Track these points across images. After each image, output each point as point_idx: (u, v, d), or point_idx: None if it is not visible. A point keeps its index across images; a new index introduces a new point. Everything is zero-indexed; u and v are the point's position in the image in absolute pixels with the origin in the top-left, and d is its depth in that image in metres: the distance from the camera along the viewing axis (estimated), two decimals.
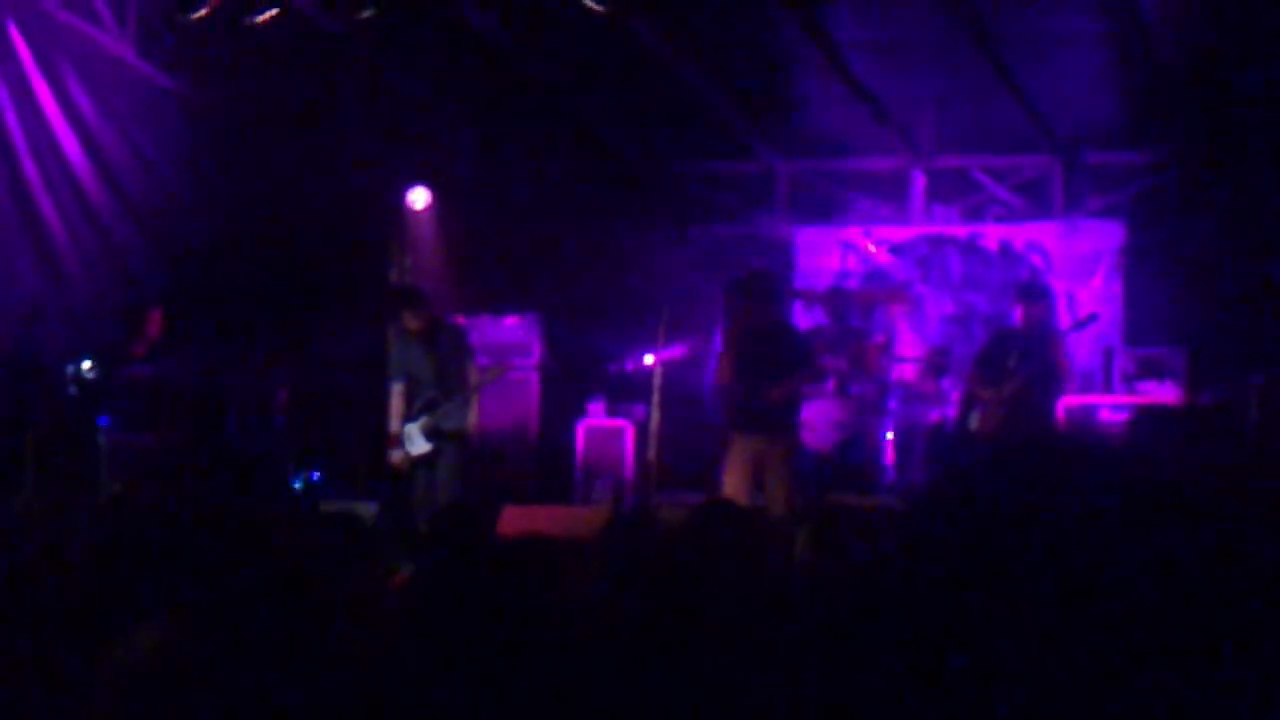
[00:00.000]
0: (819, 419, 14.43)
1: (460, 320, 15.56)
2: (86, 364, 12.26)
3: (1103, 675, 2.42)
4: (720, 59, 14.45)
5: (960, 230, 17.04)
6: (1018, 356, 12.63)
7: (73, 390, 12.26)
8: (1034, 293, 13.38)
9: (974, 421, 12.91)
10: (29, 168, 12.94)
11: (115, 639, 4.21)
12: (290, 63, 14.01)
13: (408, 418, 12.46)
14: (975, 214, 17.17)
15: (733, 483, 11.59)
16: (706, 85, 15.04)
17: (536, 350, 15.64)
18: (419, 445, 12.43)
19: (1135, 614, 2.44)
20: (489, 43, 14.03)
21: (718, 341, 12.03)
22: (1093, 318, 14.07)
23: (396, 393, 12.59)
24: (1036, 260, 16.61)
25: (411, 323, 12.46)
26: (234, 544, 5.35)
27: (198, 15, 13.40)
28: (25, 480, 11.37)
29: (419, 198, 16.48)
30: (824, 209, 17.52)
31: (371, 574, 5.40)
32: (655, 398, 12.47)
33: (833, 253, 17.28)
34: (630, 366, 15.65)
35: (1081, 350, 14.98)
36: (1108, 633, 2.47)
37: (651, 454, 12.94)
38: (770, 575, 5.00)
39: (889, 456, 14.72)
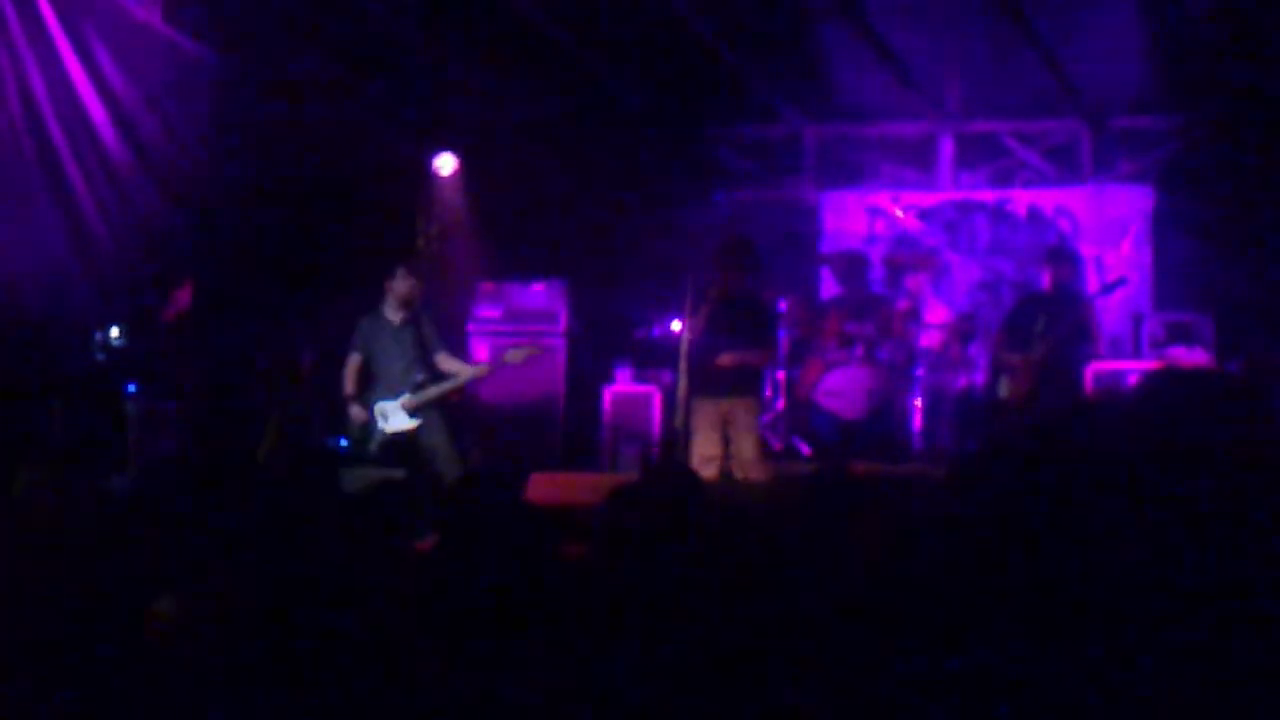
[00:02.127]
0: (848, 386, 14.48)
1: (488, 286, 15.61)
2: (114, 331, 12.23)
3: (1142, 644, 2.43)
4: (747, 21, 14.29)
5: (988, 195, 17.07)
6: (1045, 321, 12.71)
7: (100, 357, 12.23)
8: (1062, 256, 13.48)
9: (1003, 388, 12.86)
10: (55, 134, 12.78)
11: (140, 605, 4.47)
12: (317, 28, 13.96)
13: (379, 396, 12.69)
14: (1003, 179, 17.16)
15: (702, 445, 11.66)
16: (732, 48, 14.93)
17: (563, 316, 15.58)
18: (400, 422, 12.62)
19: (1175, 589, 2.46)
20: (515, 7, 13.90)
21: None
22: (1121, 281, 14.02)
23: (353, 365, 12.87)
24: (1065, 225, 16.63)
25: (405, 291, 12.78)
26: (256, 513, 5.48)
27: None
28: (53, 447, 11.18)
29: (446, 163, 16.48)
30: (851, 174, 17.53)
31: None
32: (682, 364, 12.40)
33: (860, 218, 17.31)
34: (657, 332, 15.73)
35: (1110, 315, 15.06)
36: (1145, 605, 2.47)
37: (678, 421, 12.89)
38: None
39: (917, 423, 14.67)
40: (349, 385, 12.80)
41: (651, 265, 16.03)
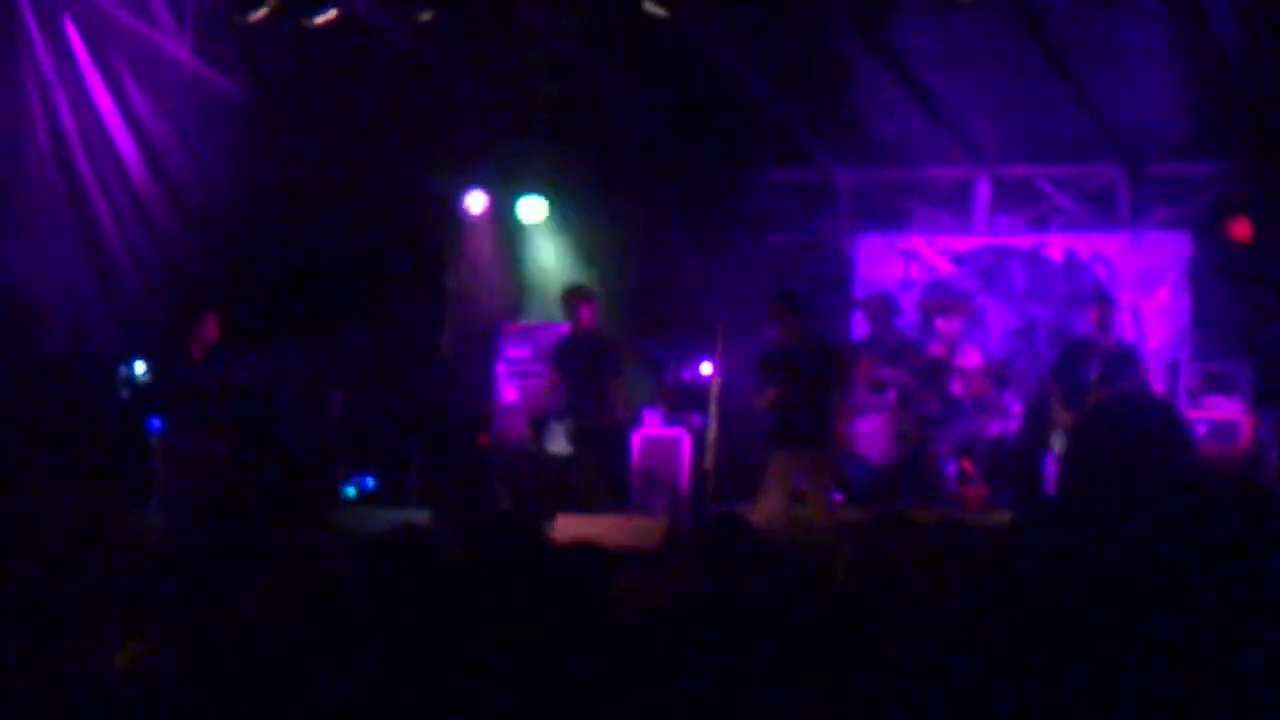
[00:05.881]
0: (878, 432, 14.31)
1: (517, 326, 15.50)
2: (139, 366, 12.12)
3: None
4: (781, 65, 14.27)
5: (1024, 240, 16.83)
6: (1101, 372, 12.39)
7: (124, 393, 12.13)
8: (1108, 299, 13.27)
9: (1058, 444, 12.60)
10: (83, 167, 12.83)
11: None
12: (348, 65, 13.95)
13: (557, 414, 13.17)
14: (1039, 224, 16.95)
15: (772, 496, 11.62)
16: (767, 92, 14.87)
17: None
18: (559, 445, 13.12)
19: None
20: (549, 47, 13.96)
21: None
22: None
23: (553, 382, 13.33)
24: (1101, 271, 16.37)
25: (585, 317, 13.09)
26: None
27: (256, 17, 13.37)
28: (75, 483, 11.22)
29: (476, 202, 16.32)
30: (886, 218, 17.31)
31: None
32: (713, 407, 12.29)
33: (894, 262, 17.08)
34: (688, 375, 15.62)
35: (1144, 363, 14.75)
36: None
37: (709, 464, 12.74)
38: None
39: (950, 470, 14.43)
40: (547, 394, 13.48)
41: (682, 307, 15.89)
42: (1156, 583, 2.87)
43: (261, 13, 13.40)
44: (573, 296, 13.29)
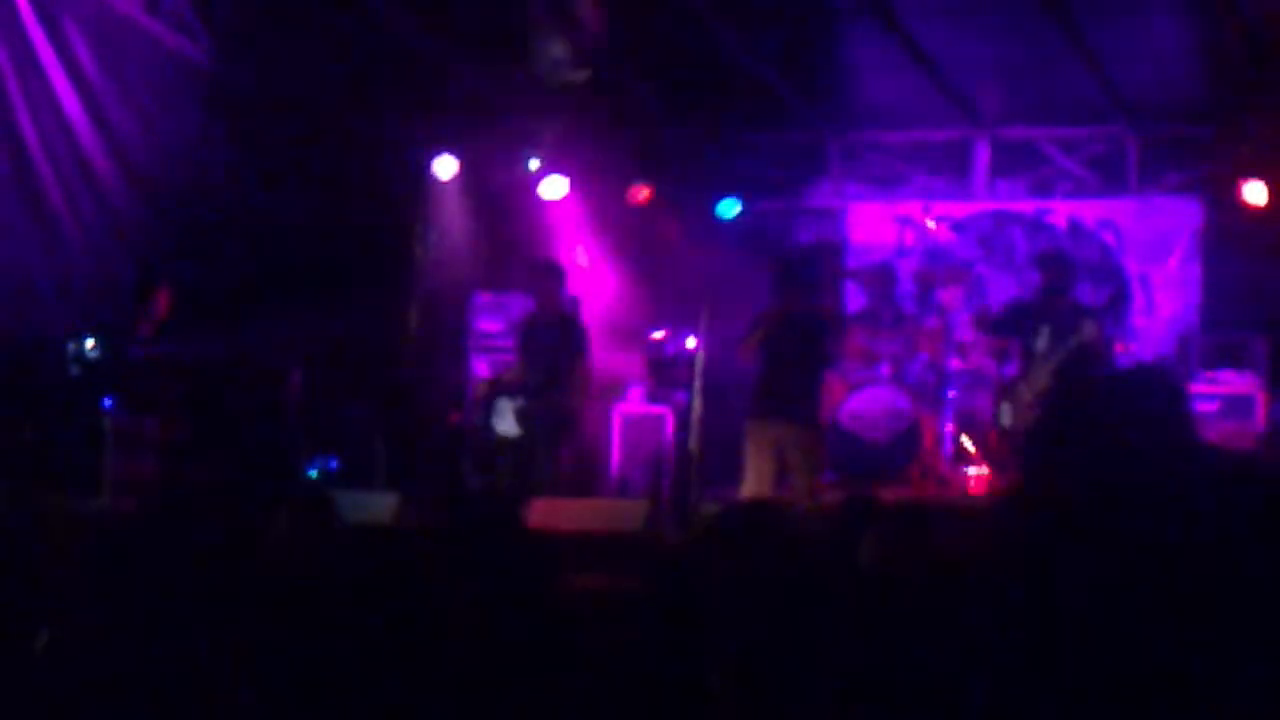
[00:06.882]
0: (872, 408, 14.02)
1: (487, 297, 15.14)
2: (89, 343, 11.89)
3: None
4: (765, 18, 13.86)
5: (1026, 206, 16.59)
6: (1048, 338, 12.25)
7: (74, 371, 11.94)
8: (1059, 262, 13.03)
9: (1006, 417, 12.48)
10: (27, 131, 12.41)
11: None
12: (309, 25, 13.59)
13: (508, 392, 12.78)
14: (1043, 189, 16.68)
15: (754, 473, 11.28)
16: (752, 47, 14.46)
17: None
18: (507, 426, 12.66)
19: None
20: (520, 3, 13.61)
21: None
22: (1120, 297, 14.15)
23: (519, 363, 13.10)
24: (1108, 239, 16.16)
25: (553, 295, 12.91)
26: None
27: None
28: (23, 467, 10.91)
29: (446, 166, 15.93)
30: (879, 182, 17.10)
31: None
32: (697, 383, 11.93)
33: (888, 229, 16.75)
34: (671, 349, 15.42)
35: (1155, 335, 15.04)
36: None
37: (693, 444, 12.39)
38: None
39: (948, 449, 14.22)
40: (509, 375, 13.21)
41: (664, 277, 15.74)
42: (1141, 573, 2.82)
43: None
44: (539, 272, 13.11)
